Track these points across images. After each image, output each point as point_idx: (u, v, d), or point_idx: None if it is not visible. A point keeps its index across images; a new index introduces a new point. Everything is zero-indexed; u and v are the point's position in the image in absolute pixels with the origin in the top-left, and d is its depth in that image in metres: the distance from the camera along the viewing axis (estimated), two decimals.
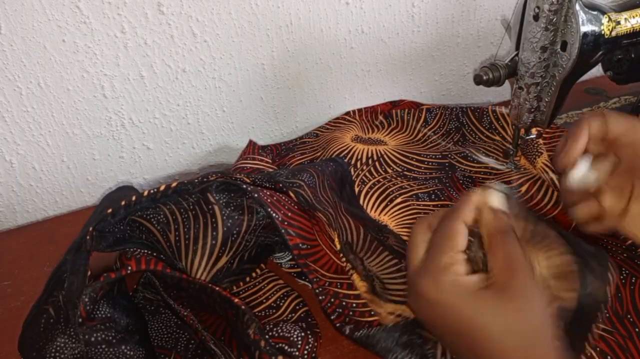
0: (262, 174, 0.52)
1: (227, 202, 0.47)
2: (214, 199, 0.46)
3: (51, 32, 0.55)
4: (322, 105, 0.74)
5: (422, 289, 0.36)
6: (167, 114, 0.65)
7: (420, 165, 0.64)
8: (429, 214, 0.43)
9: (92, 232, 0.41)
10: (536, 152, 0.60)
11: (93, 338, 0.39)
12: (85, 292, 0.39)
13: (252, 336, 0.40)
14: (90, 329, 0.39)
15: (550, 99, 0.53)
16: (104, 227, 0.44)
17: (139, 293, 0.49)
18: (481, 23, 0.76)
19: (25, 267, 0.55)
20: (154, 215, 0.46)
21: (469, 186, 0.60)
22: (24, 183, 0.63)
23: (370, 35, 0.70)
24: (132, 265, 0.42)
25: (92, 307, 0.40)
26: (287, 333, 0.43)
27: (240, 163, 0.62)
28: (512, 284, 0.35)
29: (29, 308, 0.50)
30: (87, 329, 0.39)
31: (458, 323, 0.35)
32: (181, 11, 0.59)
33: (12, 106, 0.58)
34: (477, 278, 0.36)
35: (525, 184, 0.59)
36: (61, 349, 0.39)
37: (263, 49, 0.66)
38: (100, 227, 0.43)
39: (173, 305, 0.44)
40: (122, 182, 0.68)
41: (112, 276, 0.41)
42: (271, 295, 0.49)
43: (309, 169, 0.54)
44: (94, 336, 0.39)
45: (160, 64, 0.61)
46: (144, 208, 0.46)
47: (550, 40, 0.49)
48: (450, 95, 0.82)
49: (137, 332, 0.43)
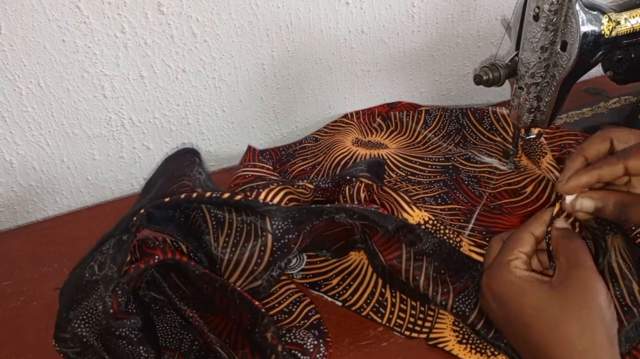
0: (323, 179, 0.51)
1: (283, 233, 0.45)
2: (270, 227, 0.44)
3: (51, 32, 0.55)
4: (322, 105, 0.74)
5: (487, 282, 0.40)
6: (167, 114, 0.65)
7: (424, 169, 0.64)
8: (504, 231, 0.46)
9: (141, 214, 0.41)
10: (540, 152, 0.60)
11: (118, 332, 0.38)
12: (119, 283, 0.38)
13: (269, 339, 0.40)
14: (119, 322, 0.39)
15: (550, 99, 0.53)
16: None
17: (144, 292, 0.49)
18: (481, 23, 0.76)
19: (25, 268, 0.55)
20: (213, 209, 0.45)
21: (475, 187, 0.60)
22: (24, 183, 0.63)
23: (370, 35, 0.70)
24: (159, 254, 0.41)
25: (123, 299, 0.39)
26: (300, 339, 0.43)
27: (242, 171, 0.62)
28: (572, 275, 0.37)
29: (29, 308, 0.51)
30: (118, 322, 0.38)
31: (516, 312, 0.37)
32: (181, 11, 0.59)
33: (12, 106, 0.58)
34: (536, 274, 0.39)
35: (530, 185, 0.59)
36: (89, 316, 0.38)
37: (263, 49, 0.66)
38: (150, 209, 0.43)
39: (179, 305, 0.44)
40: (121, 181, 0.68)
41: (141, 267, 0.40)
42: (283, 300, 0.49)
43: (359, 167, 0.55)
44: (119, 331, 0.39)
45: (160, 64, 0.61)
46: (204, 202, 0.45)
47: (550, 40, 0.49)
48: (450, 95, 0.82)
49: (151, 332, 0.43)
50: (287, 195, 0.47)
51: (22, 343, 0.47)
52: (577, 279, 0.37)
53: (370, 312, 0.48)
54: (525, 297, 0.37)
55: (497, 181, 0.60)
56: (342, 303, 0.49)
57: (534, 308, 0.36)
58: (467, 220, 0.55)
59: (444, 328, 0.46)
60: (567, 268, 0.38)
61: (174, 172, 0.52)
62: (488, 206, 0.57)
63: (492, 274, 0.40)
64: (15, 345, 0.47)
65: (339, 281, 0.51)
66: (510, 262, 0.39)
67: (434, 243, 0.47)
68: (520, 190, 0.59)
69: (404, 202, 0.49)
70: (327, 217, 0.45)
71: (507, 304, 0.38)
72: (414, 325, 0.46)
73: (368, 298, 0.49)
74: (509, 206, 0.57)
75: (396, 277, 0.47)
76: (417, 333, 0.46)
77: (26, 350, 0.46)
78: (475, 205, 0.57)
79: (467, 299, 0.45)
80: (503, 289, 0.39)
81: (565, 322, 0.35)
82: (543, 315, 0.36)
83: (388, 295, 0.49)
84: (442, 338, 0.45)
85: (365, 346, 0.45)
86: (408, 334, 0.46)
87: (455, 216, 0.56)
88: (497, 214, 0.56)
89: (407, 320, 0.47)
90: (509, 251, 0.40)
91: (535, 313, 0.36)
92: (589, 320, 0.35)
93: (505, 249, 0.41)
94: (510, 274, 0.39)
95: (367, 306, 0.48)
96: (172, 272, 0.46)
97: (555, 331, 0.35)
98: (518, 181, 0.60)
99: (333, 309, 0.48)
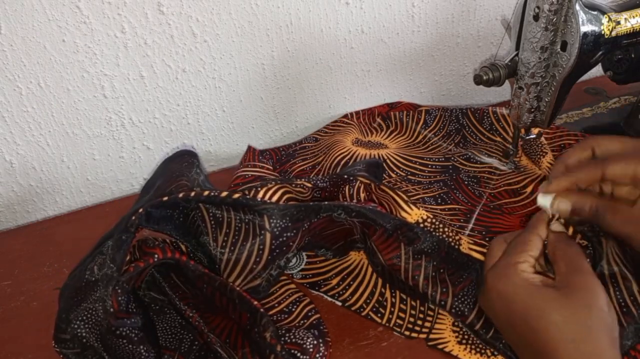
0: (322, 178, 0.51)
1: (281, 231, 0.45)
2: (269, 225, 0.44)
3: (51, 32, 0.55)
4: (322, 105, 0.74)
5: (493, 282, 0.40)
6: (167, 114, 0.65)
7: (424, 169, 0.64)
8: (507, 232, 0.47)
9: (140, 214, 0.41)
10: (540, 152, 0.60)
11: (118, 331, 0.38)
12: (119, 282, 0.38)
13: (268, 339, 0.40)
14: (119, 321, 0.39)
15: (550, 99, 0.53)
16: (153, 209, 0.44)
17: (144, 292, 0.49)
18: (481, 23, 0.76)
19: (25, 268, 0.55)
20: (211, 208, 0.45)
21: (474, 187, 0.60)
22: (24, 183, 0.63)
23: (370, 35, 0.70)
24: (159, 253, 0.41)
25: (124, 298, 0.39)
26: (300, 339, 0.43)
27: (242, 171, 0.62)
28: (573, 280, 0.38)
29: (29, 308, 0.51)
30: (118, 321, 0.38)
31: (519, 312, 0.38)
32: (181, 11, 0.59)
33: (12, 106, 0.58)
34: (542, 277, 0.39)
35: (530, 185, 0.59)
36: (88, 317, 0.38)
37: (263, 49, 0.66)
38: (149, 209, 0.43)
39: (179, 305, 0.44)
40: (121, 181, 0.68)
41: (140, 266, 0.40)
42: (283, 300, 0.49)
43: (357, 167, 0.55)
44: (120, 330, 0.39)
45: (160, 64, 0.61)
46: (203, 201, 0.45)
47: (550, 40, 0.49)
48: (450, 95, 0.82)
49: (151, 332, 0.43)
50: (285, 194, 0.47)
51: (22, 343, 0.47)
52: (578, 283, 0.38)
53: (370, 312, 0.48)
54: (531, 299, 0.38)
55: (497, 181, 0.60)
56: (341, 302, 0.49)
57: (540, 309, 0.37)
58: (467, 220, 0.55)
59: (443, 328, 0.46)
60: (567, 273, 0.39)
61: (172, 173, 0.52)
62: (488, 206, 0.57)
63: (498, 274, 0.40)
64: (15, 345, 0.47)
65: (339, 281, 0.51)
66: (519, 265, 0.40)
67: (433, 242, 0.47)
68: (520, 190, 0.59)
69: (402, 201, 0.49)
70: (325, 215, 0.45)
71: (513, 304, 0.38)
72: (413, 325, 0.46)
73: (368, 298, 0.49)
74: (509, 206, 0.57)
75: (396, 276, 0.47)
76: (417, 333, 0.46)
77: (26, 350, 0.46)
78: (475, 205, 0.57)
79: (466, 299, 0.45)
80: (510, 289, 0.39)
81: (570, 325, 0.35)
82: (548, 317, 0.36)
83: (388, 295, 0.49)
84: (441, 339, 0.45)
85: (365, 346, 0.45)
86: (408, 334, 0.46)
87: (455, 216, 0.56)
88: (497, 214, 0.56)
89: (407, 320, 0.47)
90: (517, 253, 0.41)
91: (540, 314, 0.36)
92: (593, 324, 0.35)
93: (513, 250, 0.41)
94: (517, 276, 0.39)
95: (367, 306, 0.48)
96: (172, 272, 0.46)
97: (559, 334, 0.35)
98: (518, 181, 0.60)
99: (333, 309, 0.48)
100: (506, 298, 0.39)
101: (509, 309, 0.39)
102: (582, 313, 0.36)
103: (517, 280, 0.39)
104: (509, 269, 0.40)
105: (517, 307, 0.38)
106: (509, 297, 0.39)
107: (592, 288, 0.37)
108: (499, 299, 0.39)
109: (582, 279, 0.38)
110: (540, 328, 0.36)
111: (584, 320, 0.36)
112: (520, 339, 0.38)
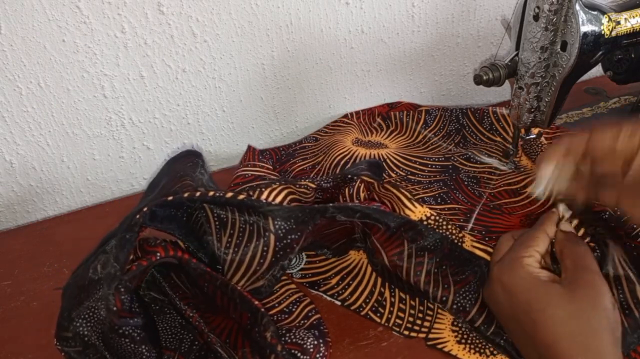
0: (325, 178, 0.51)
1: (286, 233, 0.45)
2: (273, 227, 0.44)
3: (51, 32, 0.55)
4: (322, 105, 0.74)
5: (498, 275, 0.41)
6: (167, 114, 0.65)
7: (424, 168, 0.64)
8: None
9: (144, 213, 0.41)
10: (540, 152, 0.60)
11: (121, 330, 0.38)
12: (122, 281, 0.38)
13: (269, 339, 0.40)
14: (122, 320, 0.39)
15: (550, 99, 0.53)
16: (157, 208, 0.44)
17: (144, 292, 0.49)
18: (481, 23, 0.76)
19: (25, 268, 0.55)
20: (216, 209, 0.45)
21: (474, 187, 0.60)
22: (24, 183, 0.63)
23: (370, 35, 0.71)
24: (160, 252, 0.41)
25: (127, 297, 0.39)
26: (300, 339, 0.43)
27: (242, 170, 0.62)
28: (579, 278, 0.38)
29: (29, 308, 0.51)
30: (121, 320, 0.38)
31: (524, 306, 0.38)
32: (181, 11, 0.59)
33: (12, 106, 0.58)
34: (548, 273, 0.40)
35: (530, 185, 0.59)
36: (91, 315, 0.38)
37: (263, 49, 0.66)
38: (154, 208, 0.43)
39: (179, 305, 0.44)
40: (121, 181, 0.68)
41: (143, 264, 0.40)
42: (283, 300, 0.49)
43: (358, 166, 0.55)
44: (122, 329, 0.39)
45: (160, 64, 0.61)
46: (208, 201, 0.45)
47: (550, 40, 0.49)
48: (450, 95, 0.82)
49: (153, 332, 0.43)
50: (289, 195, 0.47)
51: (22, 343, 0.47)
52: (585, 281, 0.38)
53: (369, 311, 0.48)
54: (535, 292, 0.38)
55: (497, 181, 0.60)
56: (341, 302, 0.49)
57: (544, 302, 0.37)
58: (467, 220, 0.55)
59: (442, 328, 0.46)
60: (573, 270, 0.39)
61: (177, 173, 0.52)
62: (488, 205, 0.57)
63: (504, 266, 0.41)
64: (15, 345, 0.47)
65: (338, 280, 0.51)
66: (524, 259, 0.40)
67: (436, 239, 0.47)
68: (520, 190, 0.59)
69: (406, 198, 0.49)
70: (329, 216, 0.46)
71: (517, 296, 0.39)
72: (412, 324, 0.46)
73: (367, 298, 0.49)
74: (509, 206, 0.57)
75: (395, 275, 0.47)
76: (416, 332, 0.46)
77: (26, 350, 0.46)
78: (475, 205, 0.57)
79: (469, 294, 0.45)
80: (515, 281, 0.39)
81: (574, 320, 0.36)
82: (552, 311, 0.36)
83: (387, 295, 0.49)
84: (441, 339, 0.45)
85: (365, 346, 0.45)
86: (407, 333, 0.46)
87: (455, 216, 0.56)
88: (497, 214, 0.56)
89: (406, 319, 0.47)
90: (524, 248, 0.41)
91: (544, 307, 0.37)
92: (596, 321, 0.36)
93: (520, 245, 0.42)
94: (523, 269, 0.40)
95: (366, 305, 0.48)
96: (172, 272, 0.46)
97: (562, 328, 0.35)
98: (518, 181, 0.60)
99: (333, 310, 0.48)
100: (510, 290, 0.39)
101: (512, 301, 0.39)
102: (586, 310, 0.36)
103: (522, 273, 0.39)
104: (515, 263, 0.40)
105: (521, 299, 0.38)
106: (513, 289, 0.39)
107: (598, 286, 0.38)
108: (504, 292, 0.40)
109: (588, 277, 0.38)
110: (543, 322, 0.36)
111: (588, 317, 0.36)
112: (522, 332, 0.38)
